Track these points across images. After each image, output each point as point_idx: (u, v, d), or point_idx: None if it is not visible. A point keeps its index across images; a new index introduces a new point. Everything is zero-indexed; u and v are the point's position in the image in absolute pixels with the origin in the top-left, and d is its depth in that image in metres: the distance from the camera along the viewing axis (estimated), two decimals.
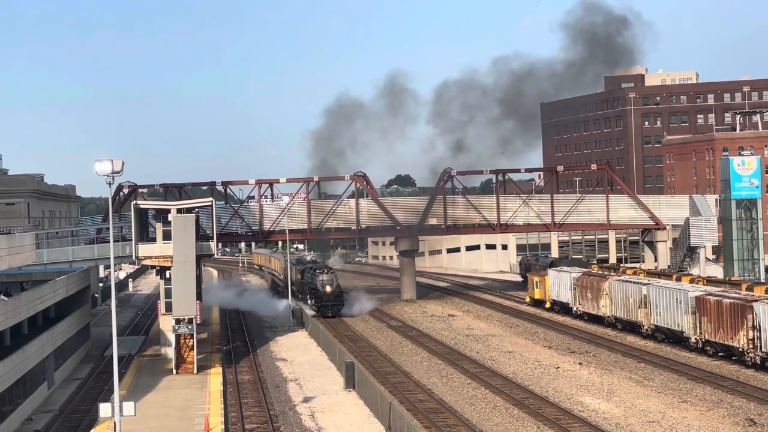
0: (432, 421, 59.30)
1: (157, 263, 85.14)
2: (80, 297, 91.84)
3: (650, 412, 61.07)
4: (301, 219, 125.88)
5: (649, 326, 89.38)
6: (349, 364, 71.45)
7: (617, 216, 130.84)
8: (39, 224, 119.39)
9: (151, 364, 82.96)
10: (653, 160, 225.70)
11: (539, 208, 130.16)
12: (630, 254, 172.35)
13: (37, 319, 76.27)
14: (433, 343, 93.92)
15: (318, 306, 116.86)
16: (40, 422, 64.72)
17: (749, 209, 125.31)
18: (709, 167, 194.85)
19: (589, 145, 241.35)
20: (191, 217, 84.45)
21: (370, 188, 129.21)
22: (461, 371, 77.61)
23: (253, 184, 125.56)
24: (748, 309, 72.75)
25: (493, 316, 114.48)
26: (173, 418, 60.96)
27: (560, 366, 78.79)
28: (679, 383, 69.97)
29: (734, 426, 56.96)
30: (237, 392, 71.45)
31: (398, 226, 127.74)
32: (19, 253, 66.47)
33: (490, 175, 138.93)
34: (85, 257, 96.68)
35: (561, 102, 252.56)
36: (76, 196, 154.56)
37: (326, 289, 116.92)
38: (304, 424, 60.57)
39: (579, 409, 62.46)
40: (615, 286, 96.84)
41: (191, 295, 79.02)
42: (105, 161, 47.44)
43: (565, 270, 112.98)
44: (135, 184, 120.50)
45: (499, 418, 60.59)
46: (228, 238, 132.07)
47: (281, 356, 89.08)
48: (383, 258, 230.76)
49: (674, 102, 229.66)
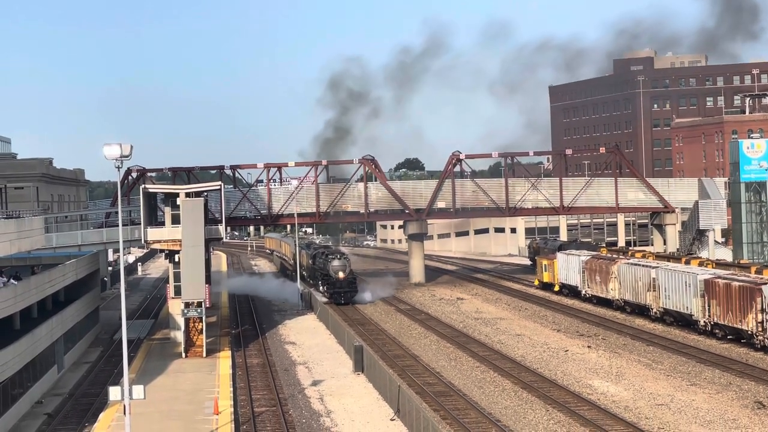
0: (441, 404, 59.39)
1: (166, 247, 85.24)
2: (89, 281, 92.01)
3: (659, 395, 61.10)
4: (310, 203, 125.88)
5: (658, 309, 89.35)
6: (358, 348, 71.55)
7: (626, 199, 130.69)
8: (48, 208, 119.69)
9: (160, 348, 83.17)
10: (662, 143, 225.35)
11: (548, 191, 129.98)
12: (639, 237, 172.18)
13: (46, 303, 76.43)
14: (442, 326, 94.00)
15: (330, 293, 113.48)
16: (50, 405, 64.94)
17: (758, 192, 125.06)
18: (718, 150, 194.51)
19: (598, 128, 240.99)
20: (200, 201, 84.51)
21: (379, 172, 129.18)
22: (470, 354, 77.68)
23: (261, 168, 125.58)
24: (757, 292, 72.70)
25: (502, 299, 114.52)
26: (182, 402, 61.13)
27: (569, 349, 78.83)
28: (687, 366, 69.98)
29: (743, 409, 56.98)
30: (246, 375, 71.59)
31: (407, 209, 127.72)
32: (28, 237, 66.61)
33: (499, 158, 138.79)
34: (94, 241, 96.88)
35: (570, 85, 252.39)
36: (84, 180, 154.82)
37: (339, 275, 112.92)
38: (313, 408, 60.68)
39: (588, 392, 62.50)
40: (624, 270, 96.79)
41: (200, 278, 79.10)
42: (114, 145, 47.46)
43: (573, 253, 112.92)
44: (144, 168, 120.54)
45: (507, 401, 60.66)
46: (237, 222, 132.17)
47: (290, 340, 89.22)
48: (392, 241, 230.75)
49: (683, 85, 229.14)
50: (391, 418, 56.21)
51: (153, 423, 55.11)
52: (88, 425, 57.09)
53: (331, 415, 58.55)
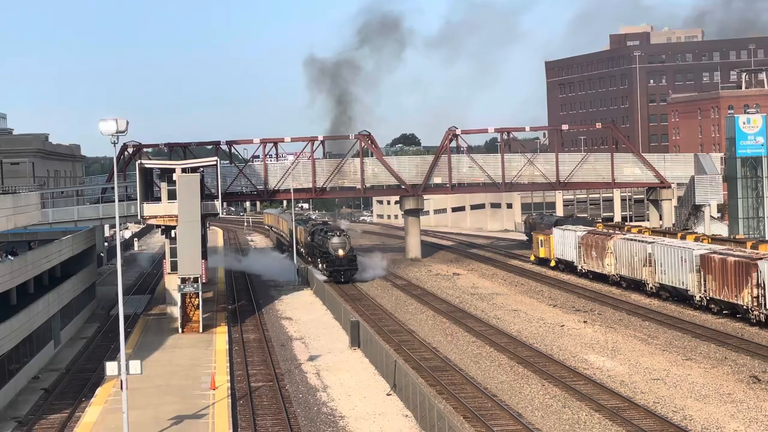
0: (437, 379, 59.53)
1: (162, 222, 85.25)
2: (86, 256, 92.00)
3: (654, 369, 61.27)
4: (306, 178, 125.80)
5: (654, 284, 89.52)
6: (354, 323, 71.65)
7: (622, 174, 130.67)
8: (44, 184, 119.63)
9: (156, 323, 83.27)
10: (658, 119, 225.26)
11: (544, 166, 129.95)
12: (635, 213, 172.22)
13: (43, 279, 76.46)
14: (438, 301, 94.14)
15: (330, 271, 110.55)
16: (47, 381, 65.01)
17: (754, 167, 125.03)
18: (714, 125, 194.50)
19: (594, 103, 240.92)
20: (196, 176, 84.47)
21: (375, 147, 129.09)
22: (466, 329, 77.83)
23: (257, 144, 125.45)
24: (752, 267, 72.83)
25: (498, 274, 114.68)
26: (179, 377, 61.25)
27: (565, 324, 79.00)
28: (683, 341, 70.16)
29: (738, 383, 57.15)
30: (243, 351, 71.71)
31: (403, 185, 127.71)
32: (24, 213, 66.51)
33: (495, 133, 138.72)
34: (90, 216, 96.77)
35: (566, 60, 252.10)
36: (80, 156, 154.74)
37: (339, 252, 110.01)
38: (309, 383, 60.81)
39: (583, 366, 62.67)
40: (620, 245, 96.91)
41: (196, 254, 79.16)
42: (109, 121, 47.30)
43: (569, 228, 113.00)
44: (139, 144, 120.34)
45: (503, 376, 60.82)
46: (233, 198, 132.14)
47: (286, 315, 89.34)
48: (388, 217, 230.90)
49: (679, 60, 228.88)
50: (387, 393, 56.35)
51: (150, 398, 55.24)
52: (85, 400, 57.17)
53: (327, 390, 58.69)
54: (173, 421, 50.15)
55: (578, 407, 52.51)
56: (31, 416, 55.65)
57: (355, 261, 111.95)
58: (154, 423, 49.85)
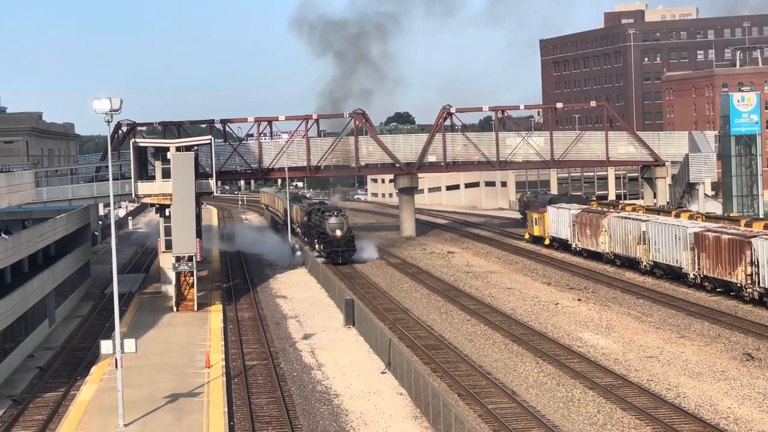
0: (431, 358, 59.66)
1: (156, 201, 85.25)
2: (80, 235, 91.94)
3: (648, 347, 61.42)
4: (301, 157, 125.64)
5: (648, 262, 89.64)
6: (349, 301, 71.74)
7: (616, 153, 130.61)
8: (38, 162, 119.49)
9: (151, 302, 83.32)
10: (653, 97, 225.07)
11: (538, 144, 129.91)
12: (629, 191, 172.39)
13: (37, 257, 76.43)
14: (433, 279, 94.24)
15: (327, 252, 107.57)
16: (42, 359, 65.08)
17: (748, 145, 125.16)
18: (708, 103, 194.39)
19: (589, 81, 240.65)
20: (190, 155, 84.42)
21: (370, 126, 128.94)
22: (460, 308, 77.95)
23: (252, 122, 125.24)
24: (746, 245, 72.95)
25: (492, 253, 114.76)
26: (174, 355, 61.34)
27: (559, 302, 79.14)
28: (677, 319, 70.32)
29: (732, 360, 57.32)
30: (237, 329, 71.80)
31: (397, 163, 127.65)
32: (18, 192, 66.45)
33: (490, 112, 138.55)
34: (84, 195, 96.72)
35: (560, 38, 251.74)
36: (74, 135, 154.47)
37: (336, 233, 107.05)
38: (304, 361, 60.92)
39: (578, 344, 62.81)
40: (614, 223, 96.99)
41: (191, 232, 79.15)
42: (103, 99, 47.26)
43: (564, 207, 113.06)
44: (134, 123, 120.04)
45: (498, 354, 60.95)
46: (227, 176, 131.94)
47: (281, 293, 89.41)
48: (383, 195, 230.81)
49: (674, 38, 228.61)
50: (381, 371, 56.47)
51: (145, 376, 55.33)
52: (80, 379, 57.26)
53: (322, 368, 58.81)
54: (168, 399, 50.26)
55: (572, 385, 52.67)
56: (26, 394, 55.74)
57: (353, 242, 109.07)
58: (149, 401, 49.95)
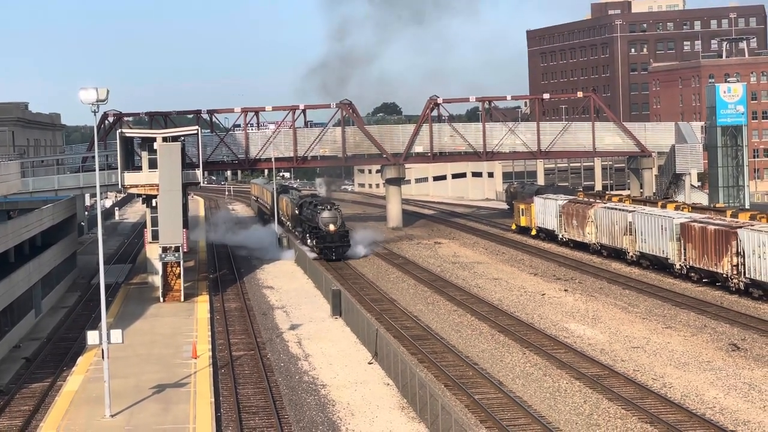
0: (418, 348, 59.70)
1: (143, 192, 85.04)
2: (67, 225, 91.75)
3: (634, 337, 61.57)
4: (287, 147, 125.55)
5: (634, 253, 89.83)
6: (336, 292, 71.76)
7: (603, 143, 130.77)
8: (24, 153, 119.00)
9: (138, 292, 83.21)
10: (639, 88, 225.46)
11: (525, 135, 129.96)
12: (616, 181, 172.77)
13: (23, 248, 76.27)
14: (419, 270, 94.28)
15: (320, 248, 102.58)
16: (28, 350, 64.96)
17: (734, 136, 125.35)
18: (695, 94, 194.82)
19: (576, 72, 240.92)
20: (177, 145, 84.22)
21: (356, 116, 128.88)
22: (447, 298, 78.01)
23: (239, 113, 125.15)
24: (732, 235, 73.14)
25: (479, 243, 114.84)
26: (161, 346, 61.28)
27: (546, 293, 79.26)
28: (663, 309, 70.49)
29: (717, 351, 57.49)
30: (224, 320, 71.77)
31: (384, 154, 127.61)
32: (4, 182, 66.27)
33: (476, 102, 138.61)
34: (70, 186, 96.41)
35: (547, 29, 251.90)
36: (61, 125, 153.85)
37: (329, 228, 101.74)
38: (291, 351, 60.93)
39: (564, 335, 62.92)
40: (600, 213, 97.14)
41: (178, 223, 79.03)
42: (90, 89, 47.14)
43: (550, 197, 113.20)
44: (120, 113, 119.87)
45: (485, 345, 61.03)
46: (214, 167, 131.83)
47: (268, 284, 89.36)
48: (369, 186, 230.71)
49: (661, 29, 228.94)
50: (368, 362, 56.51)
51: (131, 367, 55.26)
52: (66, 369, 57.17)
53: (309, 358, 58.82)
54: (155, 390, 50.22)
55: (559, 375, 52.77)
56: (12, 385, 55.63)
57: (348, 237, 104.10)
58: (136, 392, 49.90)
